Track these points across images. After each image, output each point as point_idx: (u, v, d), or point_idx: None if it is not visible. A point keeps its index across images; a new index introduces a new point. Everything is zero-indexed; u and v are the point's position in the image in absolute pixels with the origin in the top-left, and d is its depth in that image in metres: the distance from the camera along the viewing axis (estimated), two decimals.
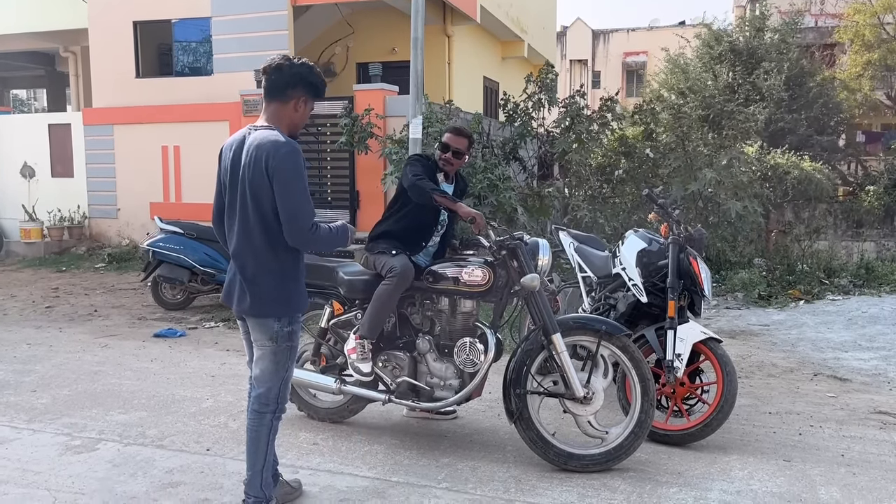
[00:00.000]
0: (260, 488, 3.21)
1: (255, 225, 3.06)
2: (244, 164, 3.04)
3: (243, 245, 3.12)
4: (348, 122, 10.01)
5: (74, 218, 13.01)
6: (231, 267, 3.22)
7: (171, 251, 8.17)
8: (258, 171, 2.99)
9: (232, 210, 3.13)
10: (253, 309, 3.13)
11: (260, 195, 3.01)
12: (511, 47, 16.16)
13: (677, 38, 21.12)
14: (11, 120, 14.63)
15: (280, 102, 3.11)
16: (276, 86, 3.09)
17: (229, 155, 3.13)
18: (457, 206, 4.07)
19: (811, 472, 3.87)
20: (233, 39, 11.88)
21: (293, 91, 3.10)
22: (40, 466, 3.92)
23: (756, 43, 18.92)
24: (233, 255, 3.18)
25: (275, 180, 2.97)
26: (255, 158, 2.99)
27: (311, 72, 3.13)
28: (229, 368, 5.92)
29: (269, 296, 3.12)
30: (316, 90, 3.16)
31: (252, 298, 3.11)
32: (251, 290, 3.11)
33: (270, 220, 3.04)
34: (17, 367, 5.91)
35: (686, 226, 4.63)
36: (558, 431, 4.02)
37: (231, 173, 3.11)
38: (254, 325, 3.19)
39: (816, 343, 6.77)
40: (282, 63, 3.08)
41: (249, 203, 3.05)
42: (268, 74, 3.10)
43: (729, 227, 10.38)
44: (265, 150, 2.97)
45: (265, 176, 2.97)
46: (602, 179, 11.67)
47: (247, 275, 3.12)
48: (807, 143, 17.97)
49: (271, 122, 3.11)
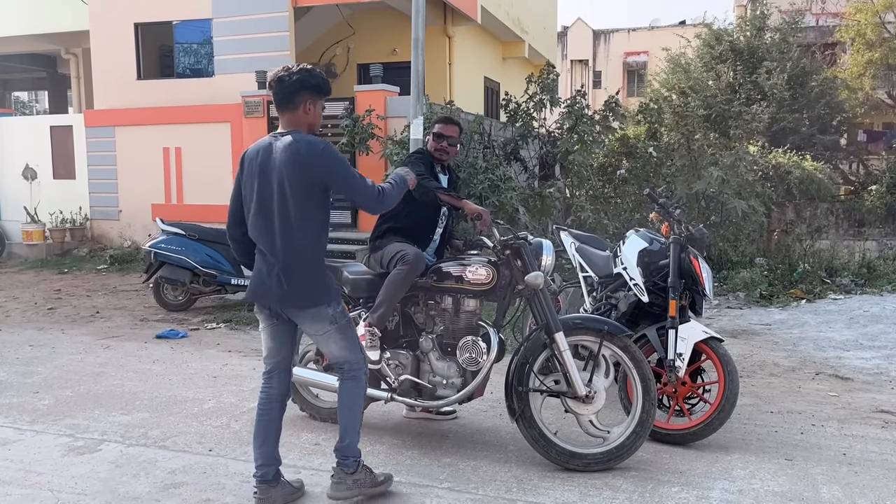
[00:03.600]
0: (357, 448, 3.48)
1: (295, 221, 3.23)
2: (279, 165, 3.21)
3: (283, 242, 3.25)
4: (349, 122, 10.02)
5: (76, 220, 13.03)
6: (262, 264, 3.33)
7: (172, 252, 8.18)
8: (297, 169, 3.19)
9: (265, 211, 3.27)
10: (304, 301, 3.31)
11: (300, 192, 3.21)
12: (512, 48, 16.17)
13: (678, 38, 21.12)
14: (13, 122, 14.66)
15: (291, 111, 3.31)
16: (283, 96, 3.29)
17: (256, 160, 3.29)
18: (462, 203, 4.10)
19: (813, 470, 3.87)
20: (234, 41, 11.90)
21: (298, 97, 3.28)
22: (43, 467, 3.92)
23: (757, 42, 18.92)
24: (269, 253, 3.28)
25: (327, 174, 3.23)
26: (292, 159, 3.19)
27: (310, 74, 3.30)
28: (231, 369, 5.93)
29: (316, 286, 3.31)
30: (319, 90, 3.32)
31: (300, 292, 3.28)
32: (297, 284, 3.27)
33: (311, 214, 3.25)
34: (19, 369, 5.92)
35: (687, 225, 4.62)
36: (560, 431, 4.03)
37: (262, 176, 3.26)
38: (305, 318, 3.36)
39: (818, 342, 6.77)
40: (282, 75, 3.27)
41: (290, 201, 3.21)
42: (272, 88, 3.31)
43: (731, 226, 10.39)
44: (302, 151, 3.20)
45: (306, 174, 3.19)
46: (604, 179, 11.68)
47: (289, 270, 3.26)
48: (809, 142, 17.97)
49: (291, 129, 3.31)
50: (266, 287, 3.31)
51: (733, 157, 10.43)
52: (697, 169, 10.47)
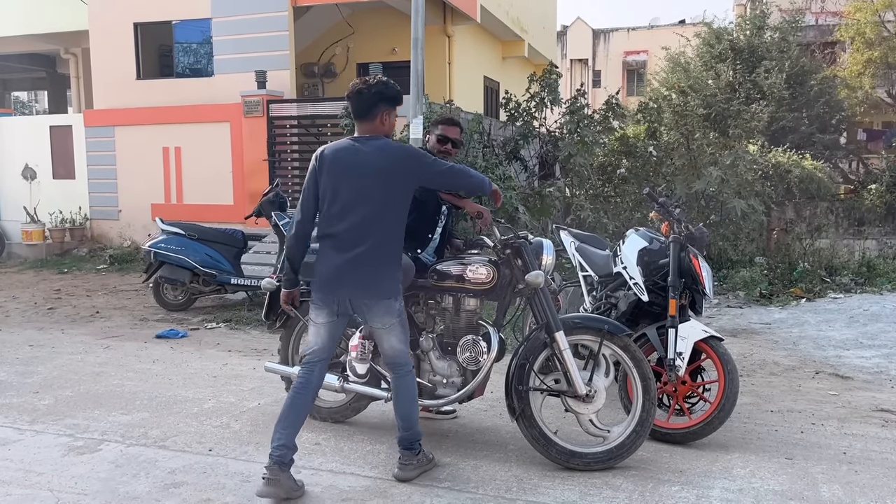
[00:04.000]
0: (420, 431, 3.75)
1: (386, 217, 3.49)
2: (369, 166, 3.46)
3: (367, 236, 3.47)
4: (349, 122, 10.01)
5: (76, 219, 13.03)
6: (336, 258, 3.50)
7: (172, 252, 8.18)
8: (388, 170, 3.47)
9: (350, 206, 3.47)
10: (381, 293, 3.52)
11: (388, 191, 3.47)
12: (511, 47, 16.17)
13: (678, 37, 21.12)
14: (13, 122, 14.65)
15: (369, 121, 3.56)
16: (361, 107, 3.55)
17: (339, 160, 3.51)
18: (463, 202, 4.10)
19: (813, 469, 3.87)
20: (233, 41, 11.90)
21: (376, 109, 3.54)
22: (43, 467, 3.92)
23: (757, 41, 18.92)
24: (349, 246, 3.47)
25: (418, 174, 3.55)
26: (385, 161, 3.47)
27: (386, 87, 3.56)
28: (231, 369, 5.93)
29: (392, 279, 3.58)
30: (394, 101, 3.60)
31: (379, 283, 3.51)
32: (377, 276, 3.50)
33: (393, 211, 3.51)
34: (19, 369, 5.92)
35: (687, 224, 4.62)
36: (560, 430, 4.02)
37: (348, 175, 3.48)
38: (377, 311, 3.54)
39: (818, 341, 6.77)
40: (361, 88, 3.53)
41: (377, 199, 3.45)
42: (351, 100, 3.56)
43: (731, 225, 10.39)
44: (395, 154, 3.52)
45: (397, 175, 3.48)
46: (604, 179, 11.68)
47: (371, 262, 3.48)
48: (808, 141, 17.98)
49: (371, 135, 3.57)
50: (344, 278, 3.50)
51: (733, 156, 10.43)
52: (697, 168, 10.47)
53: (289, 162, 11.39)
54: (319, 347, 3.65)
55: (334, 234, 3.52)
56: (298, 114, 11.26)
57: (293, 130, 11.36)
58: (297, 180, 11.37)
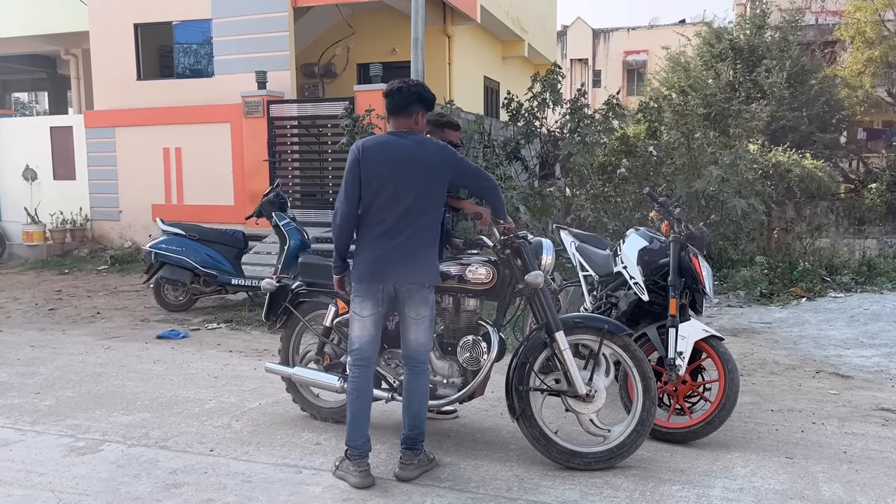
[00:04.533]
0: (424, 431, 3.81)
1: (428, 207, 3.66)
2: (415, 159, 3.63)
3: (413, 225, 3.62)
4: (349, 122, 10.01)
5: (77, 220, 13.04)
6: (382, 247, 3.62)
7: (172, 253, 8.19)
8: (433, 163, 3.64)
9: (396, 197, 3.61)
10: (427, 277, 3.68)
11: (430, 183, 3.65)
12: (511, 47, 16.16)
13: (678, 37, 21.13)
14: (13, 123, 14.65)
15: (405, 117, 3.71)
16: (399, 104, 3.69)
17: (381, 153, 3.64)
18: (462, 203, 4.11)
19: (813, 468, 3.87)
20: (233, 41, 11.90)
21: (412, 107, 3.69)
22: (44, 468, 3.93)
23: (757, 41, 18.92)
24: (396, 234, 3.61)
25: (454, 171, 3.74)
26: (429, 155, 3.66)
27: (424, 89, 3.74)
28: (232, 369, 5.93)
29: (434, 266, 3.76)
30: (429, 104, 3.76)
31: (425, 269, 3.68)
32: (421, 262, 3.66)
33: (435, 203, 3.70)
34: (20, 370, 5.92)
35: (687, 224, 4.62)
36: (561, 430, 4.03)
37: (391, 165, 3.61)
38: (418, 298, 3.67)
39: (818, 340, 6.78)
40: (401, 86, 3.70)
41: (420, 190, 3.62)
42: (390, 96, 3.70)
43: (731, 224, 10.39)
44: (437, 151, 3.70)
45: (437, 170, 3.66)
46: (604, 178, 11.68)
47: (417, 249, 3.64)
48: (808, 140, 17.97)
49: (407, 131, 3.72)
50: (391, 264, 3.63)
51: (733, 155, 10.42)
52: (697, 168, 10.47)
53: (289, 162, 11.40)
54: (366, 341, 3.72)
55: (380, 223, 3.64)
56: (299, 114, 11.26)
57: (293, 131, 11.36)
58: (297, 181, 11.39)
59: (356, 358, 3.75)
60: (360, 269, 3.69)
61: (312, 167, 11.45)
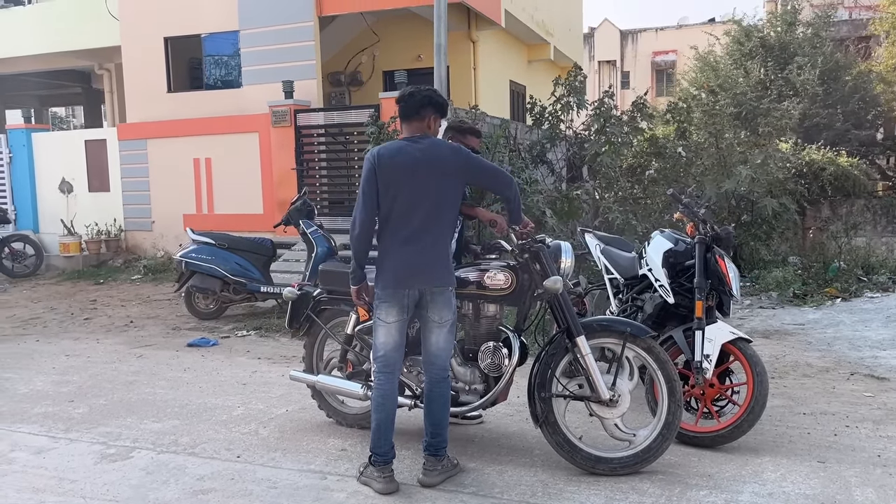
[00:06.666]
0: (446, 438, 3.81)
1: (444, 210, 3.70)
2: (429, 162, 3.65)
3: (433, 229, 3.67)
4: (374, 129, 10.07)
5: (111, 231, 13.27)
6: (405, 252, 3.66)
7: (202, 262, 8.30)
8: (445, 165, 3.67)
9: (415, 202, 3.64)
10: (448, 279, 3.73)
11: (448, 184, 3.68)
12: (537, 50, 16.11)
13: (707, 36, 20.87)
14: (49, 137, 14.97)
15: (417, 121, 3.75)
16: (411, 108, 3.74)
17: (396, 159, 3.66)
18: (475, 210, 4.11)
19: (846, 473, 3.78)
20: (260, 52, 12.04)
21: (424, 111, 3.73)
22: (76, 475, 4.01)
23: (788, 38, 18.62)
24: (416, 239, 3.65)
25: (469, 170, 3.75)
26: (441, 158, 3.68)
27: (436, 94, 3.79)
28: (260, 376, 5.99)
29: (451, 268, 3.80)
30: (441, 109, 3.78)
31: (447, 272, 3.73)
32: (443, 265, 3.71)
33: (451, 206, 3.73)
34: (55, 378, 6.05)
35: (712, 225, 4.56)
36: (585, 435, 4.00)
37: (406, 172, 3.64)
38: (442, 301, 3.70)
39: (853, 341, 6.62)
40: (413, 90, 3.76)
41: (437, 194, 3.65)
42: (402, 101, 3.75)
43: (763, 225, 10.23)
44: (451, 152, 3.73)
45: (452, 169, 3.68)
46: (633, 180, 11.57)
47: (438, 252, 3.70)
48: (843, 138, 17.61)
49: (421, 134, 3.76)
50: (415, 269, 3.66)
51: (763, 154, 10.25)
52: (727, 167, 10.31)
53: (316, 170, 11.49)
54: (391, 347, 3.73)
55: (402, 229, 3.67)
56: (325, 122, 11.34)
57: (320, 139, 11.45)
58: (325, 188, 11.47)
59: (381, 365, 3.76)
60: (385, 275, 3.70)
61: (339, 175, 11.52)
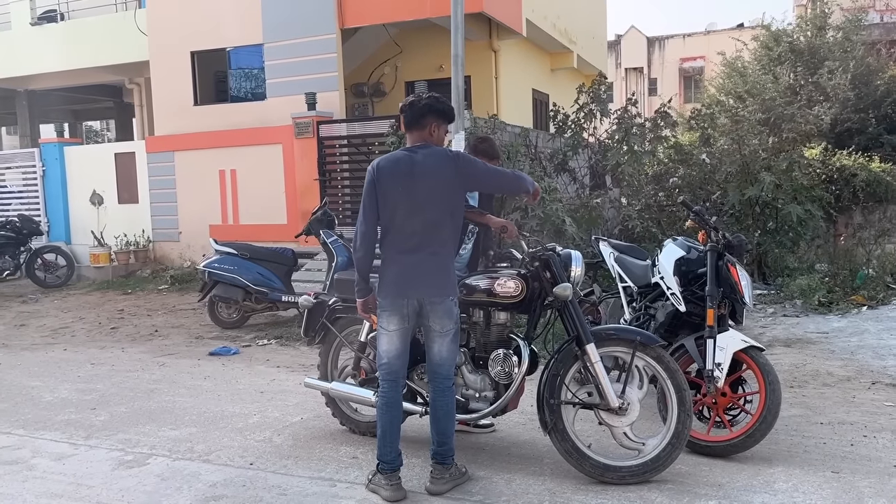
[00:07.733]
0: (453, 447, 3.80)
1: (444, 218, 3.68)
2: (428, 171, 3.66)
3: (434, 237, 3.67)
4: (395, 140, 10.15)
5: (139, 242, 13.52)
6: (405, 263, 3.68)
7: (225, 272, 8.42)
8: (444, 172, 3.66)
9: (414, 212, 3.66)
10: (449, 289, 3.71)
11: (448, 190, 3.68)
12: (560, 59, 16.09)
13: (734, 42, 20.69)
14: (81, 151, 15.33)
15: (419, 130, 3.75)
16: (413, 118, 3.74)
17: (397, 169, 3.69)
18: (486, 218, 4.13)
19: (860, 483, 3.72)
20: (284, 64, 12.20)
21: (425, 119, 3.73)
22: (94, 481, 4.09)
23: (818, 42, 18.41)
24: (419, 248, 3.66)
25: (469, 177, 3.75)
26: (440, 165, 3.67)
27: (437, 101, 3.76)
28: (278, 385, 6.06)
29: (453, 276, 3.79)
30: (444, 115, 3.77)
31: (447, 282, 3.71)
32: (444, 275, 3.70)
33: (453, 214, 3.72)
34: (80, 386, 6.18)
35: (724, 232, 4.53)
36: (594, 443, 3.98)
37: (409, 181, 3.66)
38: (442, 311, 3.69)
39: (878, 350, 6.50)
40: (413, 100, 3.76)
41: (438, 202, 3.65)
42: (404, 111, 3.77)
43: (790, 231, 10.08)
44: (444, 158, 3.71)
45: (452, 178, 3.67)
46: (657, 188, 11.50)
47: (438, 262, 3.68)
48: (876, 142, 17.33)
49: (423, 143, 3.76)
50: (415, 278, 3.67)
51: (787, 160, 10.12)
52: (750, 174, 10.20)
53: (339, 181, 11.60)
54: (394, 355, 3.76)
55: (403, 239, 3.69)
56: (348, 133, 11.45)
57: (343, 150, 11.56)
58: (347, 199, 11.57)
59: (385, 372, 3.80)
60: (385, 285, 3.74)
61: (361, 185, 11.52)
